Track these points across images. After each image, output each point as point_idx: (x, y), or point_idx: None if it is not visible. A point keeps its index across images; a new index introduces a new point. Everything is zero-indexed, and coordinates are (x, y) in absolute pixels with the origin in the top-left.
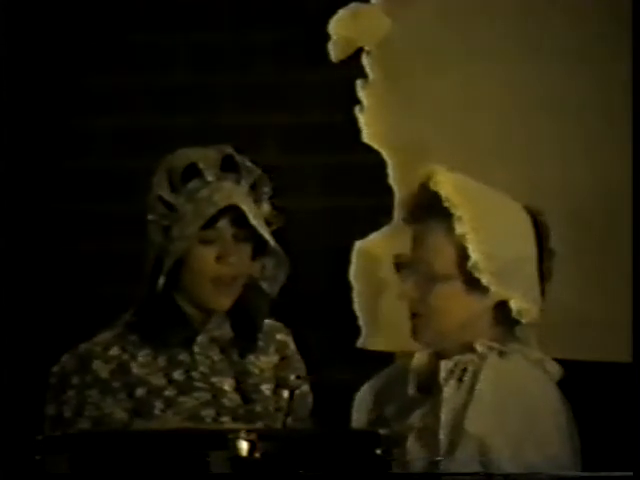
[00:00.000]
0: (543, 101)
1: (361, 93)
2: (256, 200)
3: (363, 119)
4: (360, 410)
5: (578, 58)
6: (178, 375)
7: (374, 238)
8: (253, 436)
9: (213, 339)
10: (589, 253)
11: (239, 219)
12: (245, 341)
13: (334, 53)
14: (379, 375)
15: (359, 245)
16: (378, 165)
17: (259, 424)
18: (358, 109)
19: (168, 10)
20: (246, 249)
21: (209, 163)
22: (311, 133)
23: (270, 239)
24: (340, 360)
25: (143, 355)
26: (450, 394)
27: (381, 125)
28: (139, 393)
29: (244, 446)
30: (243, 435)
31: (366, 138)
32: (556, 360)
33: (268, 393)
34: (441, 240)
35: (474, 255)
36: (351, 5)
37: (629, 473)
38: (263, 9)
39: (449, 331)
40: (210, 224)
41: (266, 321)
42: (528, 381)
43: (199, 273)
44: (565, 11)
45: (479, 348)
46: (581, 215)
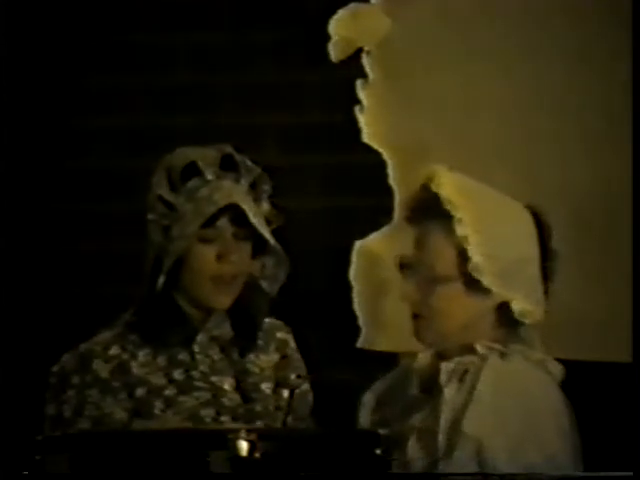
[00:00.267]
0: (543, 101)
1: (361, 93)
2: (256, 199)
3: (363, 119)
4: (364, 412)
5: (578, 58)
6: (178, 375)
7: (374, 238)
8: (253, 436)
9: (213, 338)
10: (589, 253)
11: (239, 218)
12: (245, 340)
13: (334, 53)
14: (384, 378)
15: (359, 245)
16: (378, 165)
17: (259, 423)
18: (358, 109)
19: (168, 10)
20: (246, 248)
21: (208, 162)
22: (311, 133)
23: (270, 238)
24: (340, 360)
25: (143, 355)
26: (451, 395)
27: (381, 125)
28: (139, 393)
29: (244, 446)
30: (243, 435)
31: (366, 138)
32: (556, 360)
33: (268, 392)
34: (442, 242)
35: (475, 257)
36: (351, 5)
37: (629, 473)
38: (263, 9)
39: (451, 332)
40: (210, 223)
41: (266, 319)
42: (529, 382)
43: (199, 272)
44: (565, 11)
45: (480, 349)
46: (581, 215)
